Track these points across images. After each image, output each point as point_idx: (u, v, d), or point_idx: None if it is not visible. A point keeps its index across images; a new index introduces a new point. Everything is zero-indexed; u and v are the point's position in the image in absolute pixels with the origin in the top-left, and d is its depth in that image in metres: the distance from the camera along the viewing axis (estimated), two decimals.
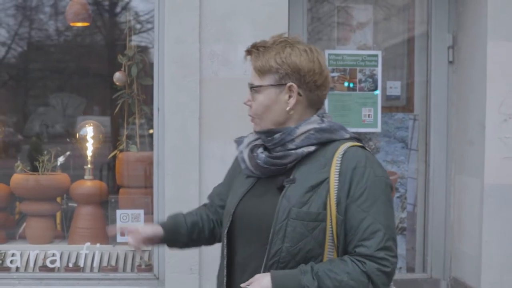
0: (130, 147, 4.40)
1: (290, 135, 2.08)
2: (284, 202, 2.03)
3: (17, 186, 4.45)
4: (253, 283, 1.99)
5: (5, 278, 3.99)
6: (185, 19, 3.72)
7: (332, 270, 1.97)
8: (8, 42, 6.77)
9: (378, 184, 2.05)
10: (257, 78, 2.12)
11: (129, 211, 4.11)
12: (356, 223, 2.00)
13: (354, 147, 2.09)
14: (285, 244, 2.02)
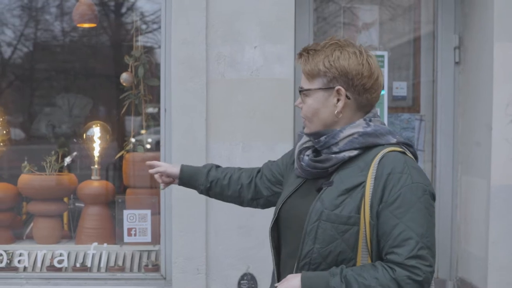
0: (137, 147, 4.39)
1: (334, 138, 2.09)
2: (318, 204, 2.05)
3: (24, 186, 4.44)
4: (283, 283, 2.02)
5: (13, 277, 4.01)
6: (192, 20, 3.73)
7: (361, 275, 1.97)
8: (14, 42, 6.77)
9: (415, 190, 2.02)
10: (306, 82, 2.13)
11: (136, 211, 4.11)
12: (388, 230, 2.00)
13: (393, 152, 2.07)
14: (316, 245, 2.04)
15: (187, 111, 3.71)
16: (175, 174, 2.54)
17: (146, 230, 4.10)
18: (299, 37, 3.96)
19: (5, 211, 4.48)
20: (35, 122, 6.83)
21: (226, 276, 3.70)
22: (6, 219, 4.46)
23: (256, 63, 3.74)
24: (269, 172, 2.52)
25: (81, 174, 4.61)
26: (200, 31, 3.71)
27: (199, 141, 3.68)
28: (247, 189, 2.52)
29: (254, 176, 2.55)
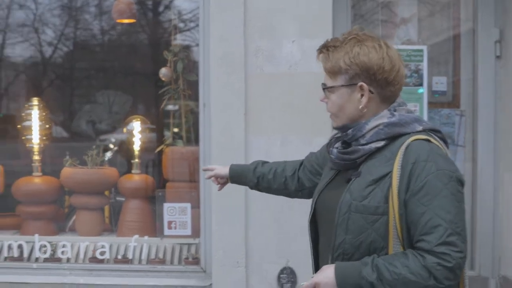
0: (176, 142, 4.45)
1: (360, 131, 2.11)
2: (347, 195, 2.08)
3: (67, 179, 4.57)
4: (318, 274, 2.06)
5: (56, 268, 4.15)
6: (230, 16, 3.77)
7: (391, 263, 1.99)
8: (54, 42, 6.91)
9: (441, 177, 2.03)
10: (328, 79, 2.15)
11: (176, 205, 4.18)
12: (416, 218, 2.01)
13: (418, 141, 2.08)
14: (348, 236, 2.07)
15: (225, 106, 3.76)
16: (225, 175, 2.70)
17: (186, 223, 4.17)
18: (337, 34, 3.97)
19: (48, 204, 4.63)
20: (76, 119, 6.98)
21: (266, 270, 3.74)
22: (50, 212, 4.60)
23: (294, 58, 3.76)
24: (309, 164, 2.58)
25: (122, 168, 4.71)
26: (238, 27, 3.75)
27: (238, 136, 3.73)
28: (291, 181, 2.60)
29: (297, 169, 2.62)
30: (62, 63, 7.43)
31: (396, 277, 1.97)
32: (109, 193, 4.80)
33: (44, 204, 4.60)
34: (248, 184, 2.70)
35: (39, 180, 4.64)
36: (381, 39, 2.13)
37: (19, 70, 7.46)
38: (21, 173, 4.75)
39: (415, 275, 1.97)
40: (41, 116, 4.64)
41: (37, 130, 4.64)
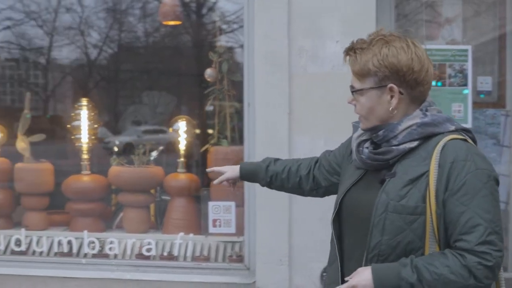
0: (221, 141, 4.52)
1: (392, 131, 2.11)
2: (383, 196, 2.06)
3: (114, 178, 4.69)
4: (354, 276, 2.04)
5: (104, 264, 4.26)
6: (274, 16, 3.81)
7: (431, 263, 1.99)
8: (100, 44, 7.04)
9: (480, 177, 2.02)
10: (357, 81, 2.14)
11: (220, 203, 4.24)
12: (455, 217, 2.00)
13: (454, 140, 2.07)
14: (384, 237, 2.06)
15: (270, 106, 3.80)
16: (236, 176, 2.65)
17: (230, 222, 4.23)
18: None
19: (96, 201, 4.73)
20: (121, 120, 7.10)
21: (309, 268, 3.78)
22: (98, 209, 4.72)
23: (338, 58, 3.67)
24: (326, 163, 2.55)
25: (168, 167, 4.80)
26: (282, 27, 3.79)
27: (282, 135, 3.77)
28: (306, 180, 2.57)
29: (312, 167, 2.59)
30: (108, 65, 7.57)
31: (437, 278, 1.97)
32: (155, 192, 4.87)
33: (92, 202, 4.71)
34: (260, 183, 2.67)
35: (88, 179, 4.76)
36: (408, 39, 2.12)
37: (65, 72, 7.61)
38: (70, 172, 4.87)
39: (455, 275, 1.97)
40: (90, 116, 4.76)
41: (86, 130, 4.75)
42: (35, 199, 4.80)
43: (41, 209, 4.80)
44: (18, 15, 6.13)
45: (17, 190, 4.86)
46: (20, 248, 4.39)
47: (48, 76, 7.63)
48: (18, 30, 6.40)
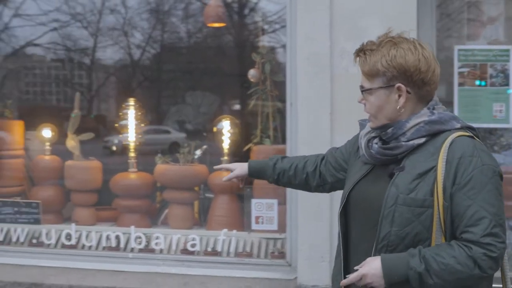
0: (264, 140, 4.60)
1: (401, 129, 2.20)
2: (392, 189, 2.15)
3: (160, 175, 4.81)
4: (364, 265, 2.13)
5: (150, 258, 4.38)
6: (316, 18, 3.86)
7: (439, 254, 2.07)
8: (143, 44, 7.18)
9: (485, 172, 2.11)
10: (366, 81, 2.23)
11: (263, 201, 4.30)
12: (462, 210, 2.09)
13: (462, 137, 2.16)
14: (393, 228, 2.14)
15: (312, 106, 3.85)
16: (244, 174, 2.75)
17: (273, 219, 4.29)
18: (422, 34, 4.02)
19: (143, 198, 4.86)
20: (166, 119, 7.24)
21: None
22: (144, 206, 4.85)
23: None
24: (333, 159, 2.62)
25: (212, 165, 4.88)
26: (324, 28, 3.83)
27: (324, 135, 3.81)
28: (312, 177, 2.64)
29: (319, 164, 2.66)
30: (150, 65, 7.71)
31: (444, 267, 2.06)
32: (199, 189, 4.97)
33: (138, 199, 4.84)
34: (267, 180, 2.74)
35: (134, 176, 4.89)
36: (416, 41, 2.21)
37: (109, 73, 7.78)
38: (117, 170, 5.03)
39: (461, 265, 2.05)
40: (137, 116, 4.90)
41: (133, 129, 4.90)
42: (84, 196, 4.96)
43: (90, 205, 4.96)
44: (64, 17, 6.28)
45: (67, 186, 5.03)
46: (70, 242, 4.55)
47: (92, 76, 7.79)
48: (64, 32, 6.55)
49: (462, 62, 4.14)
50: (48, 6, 5.96)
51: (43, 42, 6.69)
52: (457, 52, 4.13)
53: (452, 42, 4.23)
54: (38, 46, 6.76)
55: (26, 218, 4.67)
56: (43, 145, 5.11)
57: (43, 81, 7.31)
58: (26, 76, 7.10)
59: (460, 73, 4.16)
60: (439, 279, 2.08)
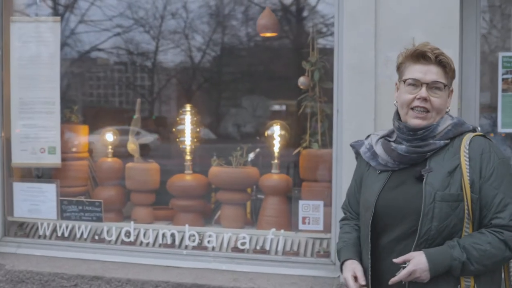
0: (312, 144, 4.66)
1: (433, 132, 2.42)
2: (428, 188, 2.34)
3: (214, 177, 4.96)
4: (411, 262, 2.29)
5: (203, 255, 4.51)
6: (361, 29, 3.94)
7: (476, 242, 2.27)
8: (203, 47, 7.30)
9: (504, 165, 2.36)
10: (443, 77, 2.45)
11: (310, 202, 4.41)
12: (490, 199, 2.31)
13: (477, 137, 2.42)
14: (434, 223, 2.32)
15: (357, 112, 3.94)
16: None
17: (319, 219, 4.39)
18: (467, 42, 4.09)
19: (197, 199, 5.02)
20: (223, 122, 7.38)
21: None
22: (199, 206, 5.00)
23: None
24: (357, 202, 2.73)
25: (263, 168, 5.02)
26: (369, 38, 3.91)
27: None
28: None
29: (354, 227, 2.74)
30: (210, 68, 7.81)
31: (483, 254, 2.26)
32: (251, 191, 5.13)
33: (194, 199, 4.99)
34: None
35: (190, 178, 5.06)
36: None
37: (170, 75, 7.92)
38: (174, 171, 5.18)
39: (496, 249, 2.27)
40: (193, 121, 5.08)
41: (189, 133, 5.08)
42: (142, 196, 5.14)
43: (148, 205, 5.14)
44: (127, 22, 6.40)
45: (127, 187, 5.20)
46: (129, 239, 4.70)
47: (154, 79, 7.90)
48: (126, 36, 6.66)
49: (507, 69, 4.16)
50: (112, 12, 6.14)
51: (106, 47, 6.85)
52: (501, 59, 4.16)
53: (497, 49, 4.30)
54: (102, 50, 6.93)
55: (89, 216, 4.84)
56: (106, 148, 5.32)
57: (106, 83, 7.46)
58: (90, 79, 7.24)
59: (504, 80, 4.17)
60: (479, 265, 2.28)
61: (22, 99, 4.89)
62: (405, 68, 2.59)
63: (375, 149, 2.62)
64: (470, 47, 4.12)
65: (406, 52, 2.61)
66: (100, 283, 4.36)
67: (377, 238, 2.50)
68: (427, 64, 2.49)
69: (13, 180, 5.00)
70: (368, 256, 2.49)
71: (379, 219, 2.49)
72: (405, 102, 2.52)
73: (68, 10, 5.99)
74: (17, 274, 4.52)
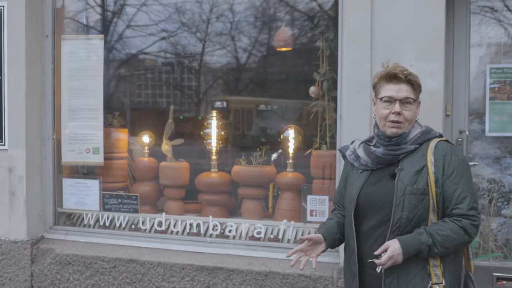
0: (322, 146, 5.02)
1: (405, 139, 2.86)
2: (399, 184, 2.78)
3: (236, 175, 5.41)
4: (388, 249, 2.70)
5: (224, 243, 4.90)
6: (359, 44, 4.27)
7: (439, 229, 2.70)
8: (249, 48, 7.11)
9: (462, 165, 2.78)
10: (412, 93, 2.90)
11: (317, 197, 4.77)
12: (451, 193, 2.74)
13: (441, 142, 2.85)
14: (404, 213, 2.76)
15: (355, 119, 4.26)
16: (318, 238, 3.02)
17: (325, 212, 4.72)
18: (457, 54, 4.45)
19: (222, 194, 5.46)
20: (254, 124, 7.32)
21: None
22: (223, 200, 5.45)
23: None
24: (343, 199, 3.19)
25: (279, 167, 5.40)
26: (366, 53, 4.25)
27: None
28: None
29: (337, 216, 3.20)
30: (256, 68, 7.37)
31: (445, 238, 2.68)
32: (273, 187, 5.43)
33: (218, 194, 5.42)
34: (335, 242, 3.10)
35: (215, 175, 5.51)
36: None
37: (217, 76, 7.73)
38: (202, 169, 5.60)
39: (456, 234, 2.69)
40: (218, 125, 5.55)
41: (215, 136, 5.55)
42: (174, 191, 5.54)
43: (179, 199, 5.53)
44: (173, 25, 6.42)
45: (161, 183, 5.59)
46: (161, 228, 5.09)
47: (200, 80, 7.35)
48: (174, 39, 6.62)
49: (494, 79, 4.48)
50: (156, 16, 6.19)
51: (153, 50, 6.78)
52: (489, 70, 4.49)
53: (486, 61, 4.55)
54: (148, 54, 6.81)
55: (127, 208, 5.26)
56: (143, 148, 5.76)
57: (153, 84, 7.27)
58: (138, 79, 7.21)
59: (491, 89, 4.49)
60: (442, 247, 2.70)
61: (70, 106, 5.41)
62: (380, 87, 3.02)
63: (358, 152, 3.07)
64: (461, 59, 4.49)
65: (381, 74, 3.03)
66: (135, 265, 4.84)
67: (359, 225, 2.95)
68: (398, 83, 2.93)
69: (62, 176, 5.50)
70: (354, 240, 2.93)
71: (360, 209, 2.94)
72: (383, 116, 2.96)
73: (116, 16, 6.20)
74: (65, 257, 5.06)
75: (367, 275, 2.91)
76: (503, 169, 4.60)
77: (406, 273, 2.80)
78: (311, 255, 3.03)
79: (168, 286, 4.78)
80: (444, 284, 2.78)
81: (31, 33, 5.32)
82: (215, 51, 6.72)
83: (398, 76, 2.91)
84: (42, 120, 5.42)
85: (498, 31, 4.62)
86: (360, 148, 3.06)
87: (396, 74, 2.91)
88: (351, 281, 2.99)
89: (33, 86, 5.34)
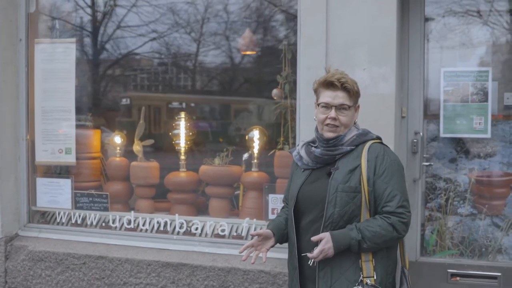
0: (284, 147, 5.16)
1: (341, 141, 3.02)
2: (333, 182, 2.94)
3: (203, 174, 5.52)
4: (320, 243, 2.86)
5: (189, 240, 5.02)
6: (315, 50, 4.40)
7: (369, 225, 2.85)
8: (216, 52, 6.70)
9: (393, 165, 2.92)
10: (348, 100, 3.04)
11: (278, 196, 4.87)
12: (381, 191, 2.88)
13: (375, 143, 3.00)
14: (336, 209, 2.91)
15: (310, 121, 4.04)
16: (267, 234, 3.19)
17: None
18: (413, 58, 4.60)
19: (189, 192, 5.57)
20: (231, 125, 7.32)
21: None
22: (190, 198, 5.55)
23: (365, 82, 4.25)
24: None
25: (246, 167, 5.50)
26: (321, 59, 4.35)
27: None
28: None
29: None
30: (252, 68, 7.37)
31: (374, 234, 2.83)
32: (242, 186, 5.49)
33: (186, 193, 5.53)
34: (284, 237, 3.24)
35: (184, 174, 5.64)
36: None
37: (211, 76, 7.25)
38: (171, 169, 5.68)
39: (384, 230, 2.84)
40: (186, 126, 5.67)
41: (184, 137, 5.67)
42: (144, 190, 5.65)
43: (149, 198, 5.63)
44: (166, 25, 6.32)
45: (132, 182, 5.70)
46: (130, 225, 5.23)
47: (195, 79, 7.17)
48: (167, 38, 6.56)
49: (447, 82, 4.64)
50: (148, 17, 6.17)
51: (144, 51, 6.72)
52: (443, 73, 4.65)
53: (438, 65, 4.71)
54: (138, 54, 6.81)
55: (98, 206, 5.39)
56: (115, 149, 5.86)
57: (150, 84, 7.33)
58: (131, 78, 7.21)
59: (446, 91, 4.66)
60: (371, 243, 2.84)
61: (44, 107, 5.55)
62: (319, 93, 3.19)
63: (300, 153, 3.25)
64: (416, 63, 4.67)
65: (319, 80, 3.19)
66: (104, 262, 4.98)
67: (299, 221, 3.11)
68: (335, 90, 3.09)
69: (36, 175, 5.63)
70: (294, 234, 3.10)
71: (300, 206, 3.10)
72: (320, 120, 3.15)
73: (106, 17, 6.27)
74: (37, 254, 5.20)
75: (306, 268, 3.07)
76: (458, 169, 4.75)
77: (339, 266, 2.95)
78: (261, 250, 3.19)
79: (135, 281, 4.92)
80: (375, 278, 2.92)
81: (5, 36, 5.46)
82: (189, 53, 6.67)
83: (334, 84, 3.07)
84: (16, 121, 5.55)
85: (454, 36, 4.77)
86: (303, 149, 3.24)
87: (332, 81, 3.08)
88: (293, 274, 3.17)
89: (7, 88, 5.49)
